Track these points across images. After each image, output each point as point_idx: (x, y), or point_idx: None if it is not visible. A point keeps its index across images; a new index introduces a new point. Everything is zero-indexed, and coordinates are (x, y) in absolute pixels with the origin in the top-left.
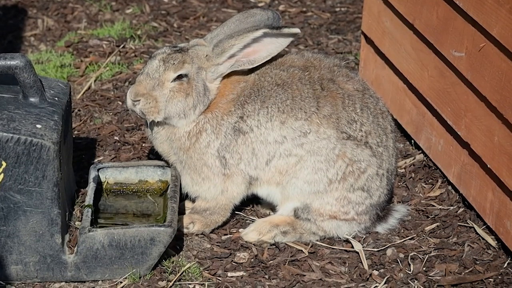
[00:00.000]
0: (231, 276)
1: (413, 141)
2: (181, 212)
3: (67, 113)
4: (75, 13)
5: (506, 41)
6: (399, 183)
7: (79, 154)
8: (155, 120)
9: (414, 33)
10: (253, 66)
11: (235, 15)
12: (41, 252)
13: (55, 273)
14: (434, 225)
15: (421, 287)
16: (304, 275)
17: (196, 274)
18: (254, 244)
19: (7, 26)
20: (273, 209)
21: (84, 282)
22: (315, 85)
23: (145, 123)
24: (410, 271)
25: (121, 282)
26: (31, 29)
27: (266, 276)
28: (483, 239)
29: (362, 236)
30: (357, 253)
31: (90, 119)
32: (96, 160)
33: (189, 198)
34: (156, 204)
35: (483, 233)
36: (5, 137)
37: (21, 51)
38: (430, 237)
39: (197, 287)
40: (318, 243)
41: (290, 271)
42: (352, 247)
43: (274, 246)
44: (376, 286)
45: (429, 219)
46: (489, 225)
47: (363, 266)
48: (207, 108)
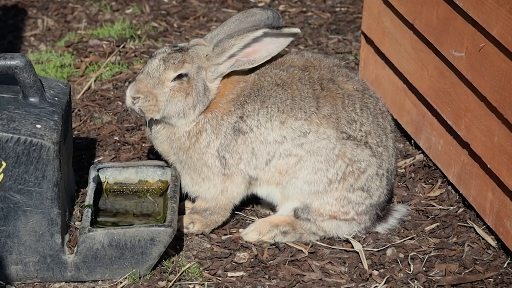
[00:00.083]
0: (231, 276)
1: (413, 141)
2: (181, 212)
3: (67, 113)
4: (75, 13)
5: (506, 41)
6: (399, 183)
7: (79, 154)
8: (154, 118)
9: (414, 33)
10: (253, 66)
11: (235, 15)
12: (41, 252)
13: (55, 273)
14: (434, 225)
15: (421, 287)
16: (304, 275)
17: (196, 274)
18: (254, 244)
19: (7, 26)
20: (273, 209)
21: (84, 282)
22: (315, 85)
23: (145, 123)
24: (410, 271)
25: (121, 282)
26: (31, 29)
27: (266, 276)
28: (483, 239)
29: (362, 236)
30: (357, 253)
31: (90, 119)
32: (96, 160)
33: (189, 198)
34: (156, 204)
35: (483, 233)
36: (5, 137)
37: (21, 51)
38: (430, 237)
39: (197, 287)
40: (318, 243)
41: (290, 271)
42: (352, 247)
43: (274, 246)
44: (376, 286)
45: (429, 219)
46: (489, 225)
47: (363, 266)
48: (207, 108)
